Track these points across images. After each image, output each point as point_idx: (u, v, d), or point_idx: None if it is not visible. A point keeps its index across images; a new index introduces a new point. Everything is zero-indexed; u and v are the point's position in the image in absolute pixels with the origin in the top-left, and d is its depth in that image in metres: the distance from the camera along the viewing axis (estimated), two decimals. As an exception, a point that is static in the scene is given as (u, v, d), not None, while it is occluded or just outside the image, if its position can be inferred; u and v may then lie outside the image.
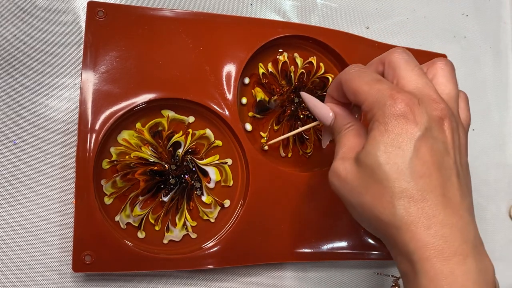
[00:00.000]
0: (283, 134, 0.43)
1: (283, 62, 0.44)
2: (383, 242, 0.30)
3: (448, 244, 0.27)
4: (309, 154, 0.44)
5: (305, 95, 0.35)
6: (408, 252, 0.27)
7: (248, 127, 0.42)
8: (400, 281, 0.36)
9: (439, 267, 0.26)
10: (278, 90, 0.43)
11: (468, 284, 0.26)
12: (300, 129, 0.41)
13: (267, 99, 0.43)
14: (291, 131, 0.43)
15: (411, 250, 0.27)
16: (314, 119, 0.44)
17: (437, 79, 0.31)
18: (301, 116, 0.44)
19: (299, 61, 0.44)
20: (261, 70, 0.43)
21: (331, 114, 0.34)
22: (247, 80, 0.42)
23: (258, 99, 0.43)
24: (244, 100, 0.42)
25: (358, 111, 0.35)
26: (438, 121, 0.28)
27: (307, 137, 0.44)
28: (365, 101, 0.29)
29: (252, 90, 0.43)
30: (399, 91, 0.28)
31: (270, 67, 0.43)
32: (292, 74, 0.44)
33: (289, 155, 0.43)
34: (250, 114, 0.42)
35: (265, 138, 0.43)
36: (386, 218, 0.28)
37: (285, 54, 0.44)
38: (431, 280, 0.27)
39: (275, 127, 0.43)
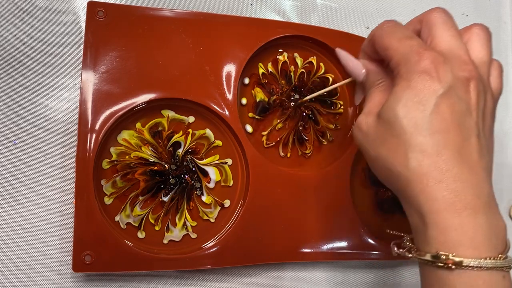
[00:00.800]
0: (285, 133, 0.43)
1: (283, 62, 0.44)
2: (396, 195, 0.31)
3: (459, 198, 0.27)
4: (308, 155, 0.44)
5: (339, 51, 0.35)
6: (419, 204, 0.28)
7: (249, 128, 0.42)
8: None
9: (449, 220, 0.27)
10: (277, 90, 0.43)
11: (477, 237, 0.27)
12: (332, 86, 0.41)
13: (266, 99, 0.43)
14: (293, 130, 0.43)
15: (421, 202, 0.27)
16: (315, 121, 0.44)
17: (472, 43, 0.31)
18: (303, 114, 0.44)
19: (299, 61, 0.44)
20: (261, 70, 0.43)
21: (363, 70, 0.34)
22: (247, 80, 0.42)
23: (257, 99, 0.43)
24: (244, 101, 0.42)
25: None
26: (464, 81, 0.28)
27: (306, 138, 0.44)
28: (393, 57, 0.30)
29: (252, 91, 0.43)
30: (426, 49, 0.28)
31: (270, 67, 0.43)
32: (292, 74, 0.44)
33: (288, 155, 0.43)
34: (250, 115, 0.42)
35: (265, 136, 0.43)
36: (399, 170, 0.28)
37: (285, 54, 0.44)
38: (441, 232, 0.27)
39: (277, 128, 0.43)
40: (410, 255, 0.30)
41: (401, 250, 0.31)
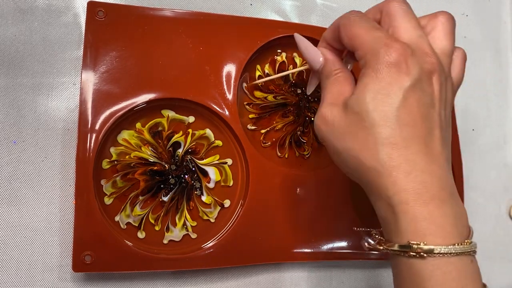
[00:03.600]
0: (282, 135, 0.43)
1: (280, 62, 0.44)
2: (362, 188, 0.31)
3: (427, 189, 0.28)
4: (307, 156, 0.44)
5: (297, 36, 0.35)
6: (388, 196, 0.28)
7: (250, 127, 0.42)
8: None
9: (418, 209, 0.27)
10: (277, 90, 0.43)
11: (445, 225, 0.27)
12: (287, 72, 0.40)
13: (270, 97, 0.43)
14: (290, 134, 0.43)
15: (391, 194, 0.28)
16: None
17: (435, 33, 0.31)
18: (306, 119, 0.44)
19: (298, 60, 0.44)
20: (257, 73, 0.43)
21: (321, 58, 0.33)
22: (245, 84, 0.42)
23: (259, 103, 0.42)
24: (245, 105, 0.42)
25: (350, 62, 0.35)
26: (427, 74, 0.29)
27: (304, 141, 0.44)
28: (360, 47, 0.30)
29: (251, 97, 0.43)
30: (394, 40, 0.29)
31: (267, 68, 0.43)
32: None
33: (286, 155, 0.43)
34: (251, 116, 0.42)
35: (263, 135, 0.43)
36: (369, 163, 0.28)
37: (284, 54, 0.44)
38: (410, 222, 0.27)
39: (276, 128, 0.43)
40: (381, 247, 0.30)
41: (372, 243, 0.31)
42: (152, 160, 0.39)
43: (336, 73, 0.32)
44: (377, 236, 0.31)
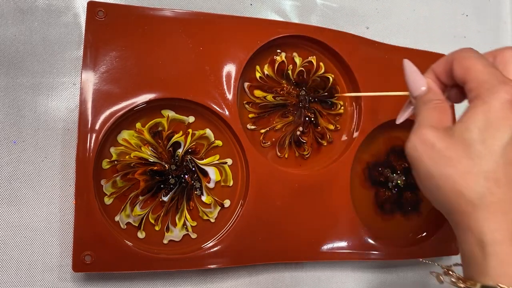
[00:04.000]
0: (282, 135, 0.43)
1: (280, 62, 0.44)
2: (447, 218, 0.30)
3: None
4: (307, 156, 0.44)
5: (406, 62, 0.34)
6: (481, 232, 0.28)
7: (250, 126, 0.42)
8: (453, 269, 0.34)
9: (511, 251, 0.27)
10: (280, 91, 0.43)
11: None
12: (384, 93, 0.40)
13: (269, 97, 0.43)
14: (290, 134, 0.43)
15: (485, 231, 0.27)
16: (315, 124, 0.44)
17: None
18: (306, 119, 0.44)
19: (297, 60, 0.44)
20: (258, 74, 0.43)
21: (423, 87, 0.33)
22: (246, 85, 0.42)
23: (258, 102, 0.42)
24: (246, 106, 0.42)
25: (450, 101, 0.35)
26: None
27: (304, 141, 0.44)
28: (473, 80, 0.30)
29: (251, 96, 0.43)
30: (511, 80, 0.29)
31: (266, 69, 0.43)
32: (289, 72, 0.44)
33: (286, 155, 0.43)
34: (251, 116, 0.42)
35: (262, 135, 0.43)
36: (467, 193, 0.28)
37: (283, 54, 0.44)
38: (501, 263, 0.27)
39: (275, 128, 0.43)
40: (462, 285, 0.29)
41: (452, 279, 0.30)
42: (152, 160, 0.39)
43: (437, 101, 0.32)
44: (454, 273, 0.30)
